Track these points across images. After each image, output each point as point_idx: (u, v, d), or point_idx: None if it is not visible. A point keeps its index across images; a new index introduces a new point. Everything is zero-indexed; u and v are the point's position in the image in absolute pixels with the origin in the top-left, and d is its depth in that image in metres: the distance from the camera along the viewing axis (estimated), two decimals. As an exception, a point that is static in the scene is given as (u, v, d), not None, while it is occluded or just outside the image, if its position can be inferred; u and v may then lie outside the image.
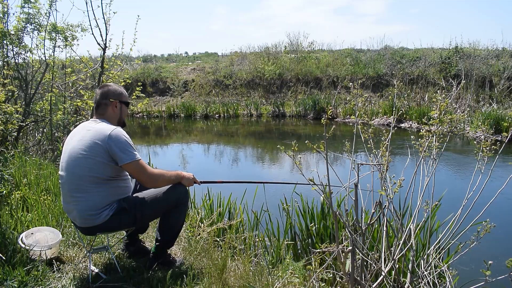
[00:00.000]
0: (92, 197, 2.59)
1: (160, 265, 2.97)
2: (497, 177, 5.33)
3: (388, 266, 2.49)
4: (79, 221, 2.65)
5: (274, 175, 7.97)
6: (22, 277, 2.55)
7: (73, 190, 2.60)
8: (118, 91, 2.86)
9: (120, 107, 2.86)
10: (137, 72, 19.98)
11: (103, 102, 2.79)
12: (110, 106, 2.80)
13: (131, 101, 12.48)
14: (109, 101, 2.79)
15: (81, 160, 2.56)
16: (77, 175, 2.58)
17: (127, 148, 2.59)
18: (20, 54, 6.31)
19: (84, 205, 2.59)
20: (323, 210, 3.60)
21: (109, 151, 2.55)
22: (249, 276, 2.78)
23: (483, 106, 13.79)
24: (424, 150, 2.62)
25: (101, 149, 2.55)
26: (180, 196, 2.89)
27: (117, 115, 2.85)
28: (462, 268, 2.98)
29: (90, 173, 2.56)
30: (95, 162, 2.55)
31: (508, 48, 18.47)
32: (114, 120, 2.81)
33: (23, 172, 4.46)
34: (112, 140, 2.55)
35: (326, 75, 18.29)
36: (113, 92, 2.83)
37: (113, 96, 2.81)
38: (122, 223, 2.75)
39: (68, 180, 2.62)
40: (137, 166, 2.62)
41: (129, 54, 6.67)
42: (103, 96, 2.79)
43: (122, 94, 2.88)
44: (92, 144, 2.55)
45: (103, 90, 2.82)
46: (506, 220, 5.04)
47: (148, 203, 2.78)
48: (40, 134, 6.80)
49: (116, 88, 2.87)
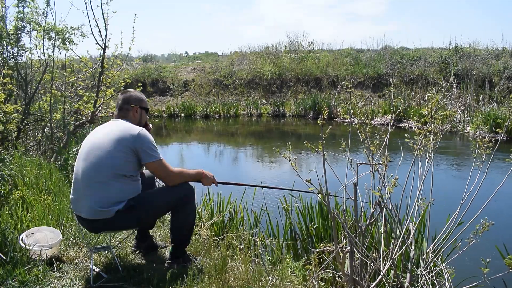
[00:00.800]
0: (108, 189, 2.66)
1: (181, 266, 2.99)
2: (496, 176, 5.33)
3: (387, 266, 2.50)
4: (87, 213, 2.67)
5: (274, 175, 7.97)
6: (23, 277, 2.56)
7: (92, 180, 2.67)
8: (139, 97, 3.06)
9: (140, 112, 3.04)
10: (137, 72, 19.98)
11: (125, 107, 2.98)
12: (131, 111, 2.98)
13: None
14: (130, 106, 2.98)
15: (105, 153, 2.67)
16: (99, 166, 2.66)
17: (153, 148, 2.76)
18: (19, 54, 6.31)
19: (100, 196, 2.65)
20: (322, 210, 3.61)
21: (135, 148, 2.70)
22: (249, 276, 2.79)
23: (483, 106, 13.80)
24: (418, 148, 2.62)
25: (128, 146, 2.69)
26: (184, 195, 2.93)
27: (137, 119, 3.01)
28: (460, 267, 2.99)
29: (111, 167, 2.66)
30: (119, 157, 2.67)
31: (508, 48, 18.46)
32: (134, 123, 2.94)
33: (23, 172, 4.47)
34: (140, 139, 2.72)
35: (326, 75, 18.29)
36: (135, 98, 3.02)
37: (134, 102, 3.00)
38: (127, 223, 2.79)
39: (88, 170, 2.68)
40: (160, 165, 2.79)
41: (128, 54, 6.66)
42: (125, 101, 2.98)
43: (142, 101, 3.08)
44: (120, 139, 2.69)
45: (125, 96, 3.01)
46: (505, 219, 5.05)
47: (154, 203, 2.84)
48: (40, 134, 6.80)
49: (137, 94, 3.07)
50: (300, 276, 3.02)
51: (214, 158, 10.33)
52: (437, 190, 2.81)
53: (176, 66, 22.02)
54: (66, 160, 5.45)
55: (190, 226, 3.05)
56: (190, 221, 3.02)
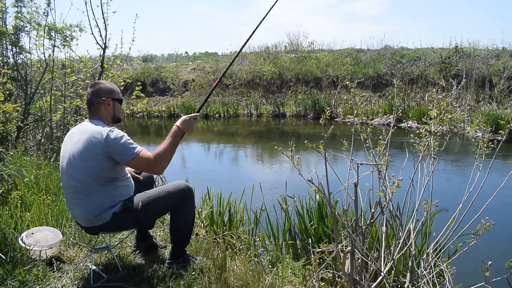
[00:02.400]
0: (96, 198, 2.60)
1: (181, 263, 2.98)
2: (497, 177, 5.33)
3: (388, 266, 2.50)
4: (84, 222, 2.66)
5: (274, 175, 7.97)
6: (23, 277, 2.56)
7: (76, 193, 2.61)
8: (110, 88, 2.77)
9: (113, 104, 2.76)
10: (137, 72, 19.98)
11: (95, 101, 2.71)
12: (103, 105, 2.71)
13: (131, 100, 12.53)
14: (101, 99, 2.70)
15: (79, 163, 2.55)
16: (78, 179, 2.57)
17: (125, 146, 2.52)
18: (20, 53, 6.31)
19: (89, 206, 2.60)
20: (320, 210, 3.61)
21: (108, 153, 2.51)
22: (248, 276, 2.78)
23: (483, 106, 13.80)
24: (423, 150, 2.62)
25: (99, 153, 2.50)
26: (183, 195, 2.90)
27: (110, 113, 2.75)
28: (461, 267, 2.99)
29: (90, 176, 2.55)
30: (94, 165, 2.53)
31: (508, 48, 18.47)
32: (108, 118, 2.74)
33: (22, 172, 4.46)
34: (109, 142, 2.50)
35: (326, 75, 18.29)
36: (105, 90, 2.73)
37: (105, 94, 2.72)
38: (126, 224, 2.77)
39: (70, 184, 2.63)
40: (139, 160, 2.53)
41: (128, 54, 6.66)
42: (95, 94, 2.71)
43: (114, 91, 2.78)
44: (89, 148, 2.51)
45: (94, 88, 2.73)
46: (506, 219, 5.05)
47: (152, 204, 2.78)
48: (40, 134, 6.79)
49: (107, 85, 2.78)
50: (300, 276, 3.01)
51: (214, 158, 10.32)
52: (438, 190, 2.80)
53: (176, 66, 22.01)
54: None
55: (190, 227, 3.04)
56: (189, 221, 3.00)
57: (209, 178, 7.34)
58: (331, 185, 2.34)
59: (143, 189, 2.94)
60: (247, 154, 10.86)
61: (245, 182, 4.22)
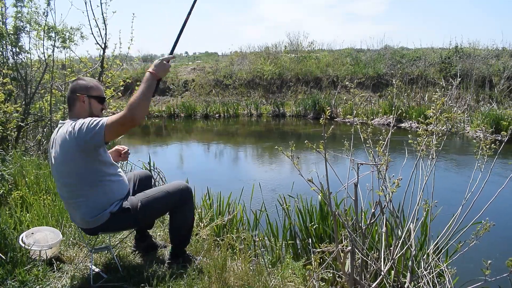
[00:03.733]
0: (90, 200, 2.58)
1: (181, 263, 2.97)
2: (497, 177, 5.33)
3: (388, 266, 2.50)
4: (83, 224, 2.66)
5: (274, 175, 7.97)
6: (23, 277, 2.56)
7: (70, 197, 2.61)
8: (87, 84, 2.65)
9: (88, 101, 2.63)
10: (137, 71, 19.97)
11: (71, 96, 2.63)
12: (78, 101, 2.61)
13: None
14: (75, 95, 2.61)
15: (64, 168, 2.52)
16: (68, 183, 2.56)
17: (91, 127, 2.35)
18: (19, 54, 6.31)
19: (84, 208, 2.59)
20: (322, 210, 3.61)
21: (82, 145, 2.38)
22: (249, 276, 2.78)
23: (483, 106, 13.80)
24: (422, 149, 2.62)
25: (75, 150, 2.41)
26: (183, 195, 2.89)
27: (86, 110, 2.62)
28: (462, 268, 2.98)
29: (79, 177, 2.52)
30: (79, 165, 2.47)
31: (508, 48, 18.49)
32: (83, 115, 2.59)
33: (22, 172, 4.46)
34: (78, 132, 2.37)
35: (326, 75, 18.29)
36: (81, 86, 2.63)
37: (80, 91, 2.61)
38: (125, 223, 2.76)
39: (62, 189, 2.63)
40: (112, 126, 2.34)
41: (127, 54, 6.66)
42: (71, 90, 2.63)
43: (91, 88, 2.64)
44: (65, 149, 2.44)
45: (72, 84, 2.66)
46: (506, 220, 5.05)
47: (150, 204, 2.77)
48: (40, 134, 6.80)
49: (86, 82, 2.66)
50: (300, 276, 3.01)
51: (213, 158, 10.32)
52: (438, 190, 2.80)
53: (176, 66, 22.01)
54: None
55: (189, 227, 3.03)
56: (189, 221, 2.99)
57: (209, 178, 7.34)
58: (332, 185, 2.34)
59: (142, 189, 2.93)
60: (247, 154, 10.86)
61: (245, 182, 4.22)
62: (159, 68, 2.53)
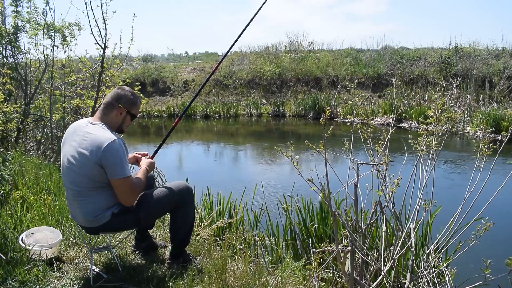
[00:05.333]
0: (95, 200, 2.61)
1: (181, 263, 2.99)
2: (497, 177, 5.33)
3: (388, 266, 2.50)
4: (84, 222, 2.67)
5: (274, 175, 7.97)
6: (23, 277, 2.56)
7: (76, 195, 2.62)
8: (132, 100, 2.75)
9: (125, 116, 2.74)
10: (137, 72, 19.98)
11: (112, 103, 2.68)
12: (116, 110, 2.69)
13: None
14: (118, 105, 2.68)
15: (78, 168, 2.55)
16: (77, 182, 2.59)
17: (117, 163, 2.52)
18: (18, 54, 6.31)
19: (89, 207, 2.61)
20: (322, 210, 3.61)
21: (100, 163, 2.49)
22: (249, 276, 2.78)
23: (483, 106, 13.80)
24: (422, 149, 2.62)
25: (93, 161, 2.49)
26: (183, 195, 2.92)
27: (118, 122, 2.73)
28: (462, 267, 2.99)
29: (89, 179, 2.56)
30: (92, 171, 2.53)
31: (508, 48, 18.45)
32: (113, 125, 2.71)
33: (22, 172, 4.46)
34: (106, 154, 2.48)
35: (326, 75, 18.27)
36: (126, 99, 2.72)
37: (125, 103, 2.71)
38: (126, 223, 2.77)
39: (69, 186, 2.64)
40: (122, 183, 2.55)
41: (128, 54, 6.66)
42: (116, 98, 2.69)
43: (134, 106, 2.77)
44: (88, 152, 2.50)
45: (118, 92, 2.72)
46: (506, 219, 5.05)
47: (152, 204, 2.79)
48: (40, 134, 6.79)
49: (131, 96, 2.75)
50: (300, 276, 3.01)
51: (214, 158, 10.33)
52: (438, 190, 2.80)
53: (176, 66, 22.00)
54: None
55: (190, 226, 3.04)
56: (189, 221, 3.01)
57: (209, 178, 7.34)
58: (332, 185, 2.34)
59: (144, 189, 2.93)
60: (247, 154, 10.86)
61: (245, 182, 4.22)
62: (151, 166, 2.98)
